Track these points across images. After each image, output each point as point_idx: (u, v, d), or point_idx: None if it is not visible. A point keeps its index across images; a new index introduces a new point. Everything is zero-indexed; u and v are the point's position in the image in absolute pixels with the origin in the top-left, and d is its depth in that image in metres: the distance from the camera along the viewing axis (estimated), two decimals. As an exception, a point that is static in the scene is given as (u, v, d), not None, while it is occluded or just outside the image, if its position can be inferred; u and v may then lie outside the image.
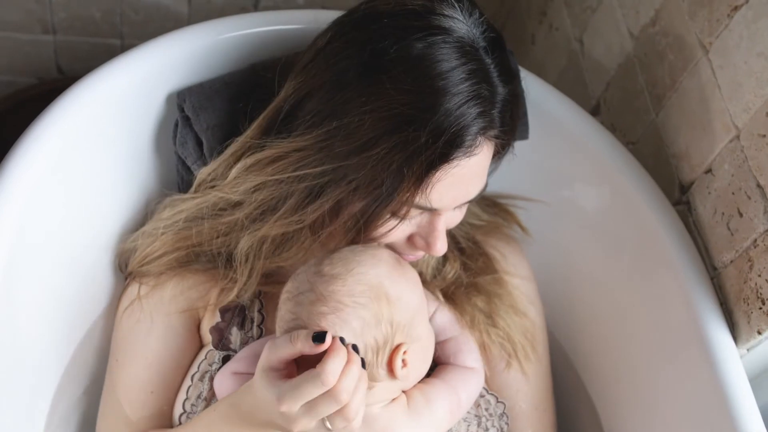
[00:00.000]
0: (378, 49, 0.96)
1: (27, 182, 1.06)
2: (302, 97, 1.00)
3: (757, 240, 1.05)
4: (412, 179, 0.95)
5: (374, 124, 0.94)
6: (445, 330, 1.11)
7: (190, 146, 1.12)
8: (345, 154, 0.95)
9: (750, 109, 1.06)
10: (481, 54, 0.98)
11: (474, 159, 0.98)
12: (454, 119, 0.94)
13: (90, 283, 1.17)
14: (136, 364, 1.11)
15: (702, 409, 1.08)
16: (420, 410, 1.03)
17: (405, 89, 0.94)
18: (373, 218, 0.99)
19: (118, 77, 1.12)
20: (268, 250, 1.05)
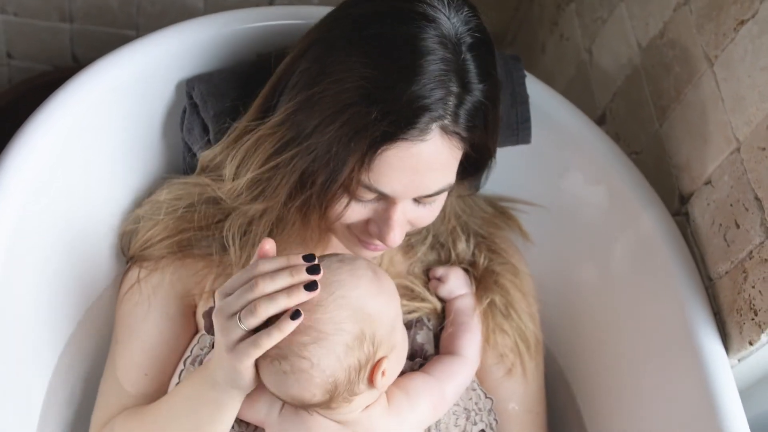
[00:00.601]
0: (360, 26, 0.96)
1: (34, 164, 1.08)
2: (289, 74, 1.01)
3: (753, 252, 1.05)
4: (357, 154, 0.94)
5: (336, 96, 0.94)
6: (460, 313, 1.13)
7: (197, 133, 1.13)
8: (310, 131, 0.96)
9: (751, 122, 1.06)
10: (460, 49, 0.96)
11: (425, 147, 0.95)
12: (410, 100, 0.93)
13: (92, 264, 1.18)
14: (133, 346, 1.12)
15: (691, 417, 1.08)
16: (401, 407, 1.02)
17: (371, 64, 0.93)
18: (328, 192, 0.97)
19: (128, 64, 1.13)
20: (261, 234, 1.06)
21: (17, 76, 1.75)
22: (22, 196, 1.06)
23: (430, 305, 1.15)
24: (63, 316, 1.17)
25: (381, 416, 1.01)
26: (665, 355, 1.14)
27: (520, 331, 1.18)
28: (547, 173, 1.28)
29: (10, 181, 1.05)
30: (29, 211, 1.07)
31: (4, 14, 1.65)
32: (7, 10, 1.64)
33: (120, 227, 1.18)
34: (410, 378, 1.05)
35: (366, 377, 0.96)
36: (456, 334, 1.12)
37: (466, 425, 1.10)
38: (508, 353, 1.17)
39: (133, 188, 1.20)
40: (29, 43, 1.70)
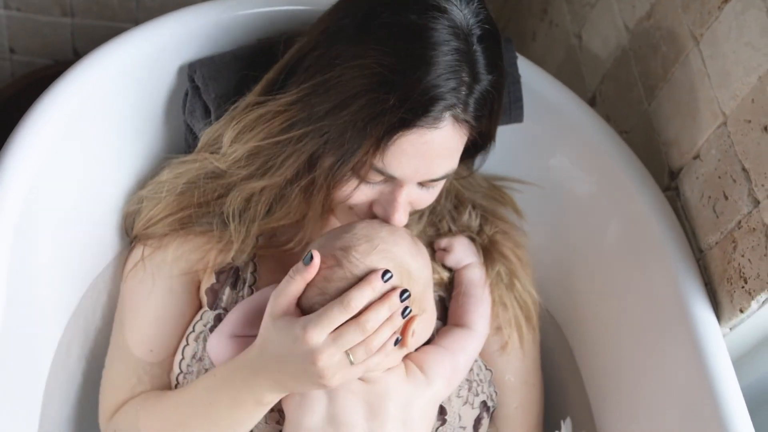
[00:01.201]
0: (373, 13, 0.99)
1: (39, 148, 1.09)
2: (301, 56, 1.04)
3: (741, 221, 1.08)
4: (372, 139, 0.97)
5: (352, 80, 0.97)
6: (470, 284, 1.15)
7: (198, 114, 1.16)
8: (322, 114, 0.99)
9: (737, 96, 1.09)
10: (471, 40, 1.00)
11: (437, 134, 0.99)
12: (426, 89, 0.96)
13: (96, 242, 1.20)
14: (137, 322, 1.14)
15: (685, 387, 1.10)
16: (418, 379, 1.06)
17: (387, 52, 0.96)
18: (337, 175, 1.01)
19: (131, 49, 1.16)
20: (261, 210, 1.08)
21: (19, 70, 1.77)
22: (28, 180, 1.08)
23: (437, 276, 1.17)
24: (67, 292, 1.19)
25: (399, 382, 1.05)
26: (659, 326, 1.17)
27: (522, 301, 1.20)
28: (540, 152, 1.31)
29: (16, 165, 1.07)
30: (34, 195, 1.09)
31: (8, 9, 1.67)
32: (11, 5, 1.66)
33: (123, 208, 1.20)
34: (425, 352, 1.08)
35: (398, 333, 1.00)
36: (467, 307, 1.14)
37: (469, 396, 1.13)
38: (506, 326, 1.19)
39: (137, 170, 1.22)
40: (31, 37, 1.72)
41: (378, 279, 0.96)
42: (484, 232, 1.22)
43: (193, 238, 1.14)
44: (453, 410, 1.11)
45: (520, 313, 1.20)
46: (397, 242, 1.02)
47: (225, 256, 1.13)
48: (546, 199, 1.31)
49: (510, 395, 1.20)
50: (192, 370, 1.09)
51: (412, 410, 1.05)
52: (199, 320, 1.12)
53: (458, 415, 1.11)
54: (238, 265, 1.13)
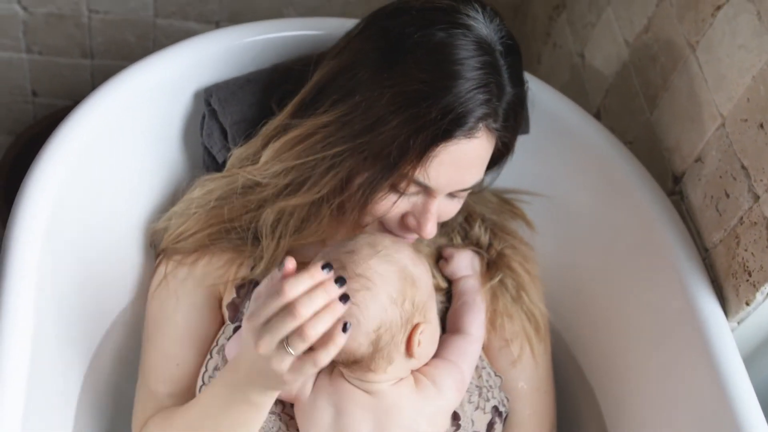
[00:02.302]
0: (404, 33, 1.06)
1: (63, 168, 1.14)
2: (332, 77, 1.10)
3: (743, 217, 1.12)
4: (415, 151, 1.04)
5: (392, 98, 1.04)
6: (464, 293, 1.19)
7: (216, 136, 1.21)
8: (362, 130, 1.05)
9: (733, 97, 1.14)
10: (496, 54, 1.08)
11: (473, 144, 1.07)
12: (463, 101, 1.04)
13: (121, 265, 1.24)
14: (163, 340, 1.17)
15: (695, 382, 1.13)
16: (428, 392, 1.08)
17: (424, 68, 1.04)
18: (376, 189, 1.07)
19: (150, 73, 1.22)
20: (293, 226, 1.13)
21: (41, 112, 1.85)
22: (49, 204, 1.11)
23: (434, 281, 1.21)
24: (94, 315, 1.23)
25: (408, 394, 1.07)
26: (668, 327, 1.20)
27: (529, 313, 1.24)
28: (547, 164, 1.35)
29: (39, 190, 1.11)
30: (56, 220, 1.13)
31: (30, 53, 1.75)
32: (33, 49, 1.74)
33: (151, 226, 1.24)
34: (433, 365, 1.11)
35: (404, 340, 1.04)
36: (459, 313, 1.18)
37: (480, 401, 1.15)
38: (514, 338, 1.22)
39: (158, 193, 1.27)
40: (52, 80, 1.80)
41: (317, 269, 0.91)
42: (492, 246, 1.27)
43: (220, 253, 1.18)
44: (466, 416, 1.14)
45: (529, 325, 1.23)
46: (400, 249, 1.06)
47: (245, 271, 1.17)
48: (554, 209, 1.36)
49: (523, 402, 1.23)
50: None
51: (423, 422, 1.07)
52: (222, 334, 1.16)
53: (471, 421, 1.14)
54: (257, 278, 1.17)
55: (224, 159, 1.21)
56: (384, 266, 1.03)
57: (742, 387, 1.08)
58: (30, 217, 1.10)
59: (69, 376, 1.18)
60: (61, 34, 1.72)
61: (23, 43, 1.72)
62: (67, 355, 1.17)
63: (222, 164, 1.21)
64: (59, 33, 1.72)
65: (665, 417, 1.18)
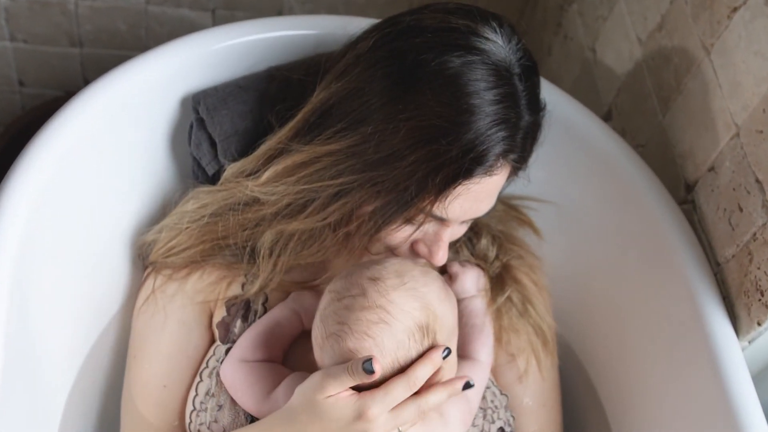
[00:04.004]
0: (420, 60, 1.03)
1: (41, 178, 1.13)
2: (339, 99, 1.07)
3: (756, 233, 1.12)
4: (434, 189, 1.03)
5: (409, 132, 1.02)
6: (470, 315, 1.18)
7: (205, 148, 1.20)
8: (375, 162, 1.03)
9: (748, 106, 1.13)
10: (514, 80, 1.06)
11: (492, 179, 1.07)
12: (483, 139, 1.03)
13: (106, 278, 1.24)
14: (150, 358, 1.17)
15: (703, 400, 1.14)
16: (434, 423, 1.08)
17: (443, 102, 1.02)
18: (388, 222, 1.07)
19: (134, 78, 1.20)
20: (293, 248, 1.12)
21: (30, 102, 1.84)
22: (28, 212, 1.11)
23: None
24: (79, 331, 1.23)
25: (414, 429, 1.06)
26: (677, 340, 1.20)
27: (536, 326, 1.24)
28: (555, 170, 1.35)
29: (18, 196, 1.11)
30: (36, 227, 1.12)
31: (14, 42, 1.74)
32: (17, 37, 1.73)
33: (140, 238, 1.23)
34: None
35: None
36: (468, 338, 1.17)
37: (484, 424, 1.16)
38: (520, 353, 1.23)
39: (146, 202, 1.26)
40: (40, 69, 1.79)
41: (438, 354, 1.01)
42: (498, 258, 1.26)
43: (212, 271, 1.18)
44: None
45: (536, 339, 1.23)
46: (428, 283, 1.05)
47: (236, 289, 1.17)
48: (562, 216, 1.35)
49: (528, 419, 1.23)
50: (205, 407, 1.12)
51: None
52: (212, 356, 1.15)
53: None
54: (248, 296, 1.17)
55: (215, 171, 1.20)
56: (408, 301, 1.02)
57: (750, 407, 1.09)
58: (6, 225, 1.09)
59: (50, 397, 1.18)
60: (47, 21, 1.71)
61: (6, 30, 1.71)
62: (46, 372, 1.17)
63: (213, 176, 1.21)
64: (44, 20, 1.71)
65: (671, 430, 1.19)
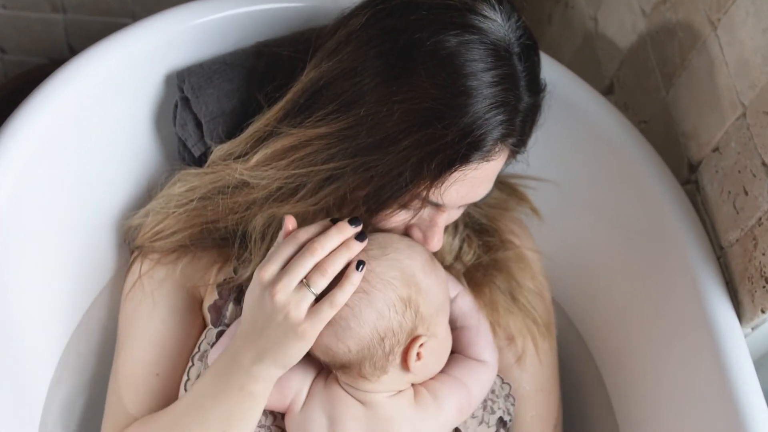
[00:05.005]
0: (414, 39, 1.00)
1: (21, 158, 1.11)
2: (331, 79, 1.04)
3: (762, 218, 1.10)
4: (430, 175, 1.00)
5: (403, 116, 0.99)
6: (463, 316, 1.16)
7: (190, 128, 1.17)
8: (369, 147, 1.00)
9: (756, 86, 1.10)
10: (513, 60, 1.03)
11: (490, 164, 1.04)
12: (481, 123, 1.00)
13: (91, 260, 1.23)
14: (139, 346, 1.15)
15: (705, 387, 1.13)
16: (427, 406, 1.08)
17: (438, 84, 0.98)
18: (382, 207, 1.04)
19: (117, 54, 1.17)
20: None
21: (12, 70, 1.81)
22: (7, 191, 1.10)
23: None
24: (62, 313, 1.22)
25: (405, 408, 1.07)
26: (679, 326, 1.19)
27: (528, 313, 1.23)
28: (555, 148, 1.32)
29: None
30: (16, 208, 1.11)
31: (-8, 7, 1.71)
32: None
33: (126, 221, 1.21)
34: (438, 380, 1.10)
35: (400, 354, 1.03)
36: (468, 340, 1.15)
37: (484, 415, 1.15)
38: (518, 335, 1.21)
39: (131, 183, 1.24)
40: (22, 36, 1.75)
41: (345, 225, 0.99)
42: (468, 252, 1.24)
43: (202, 255, 1.16)
44: (468, 431, 1.13)
45: (531, 324, 1.22)
46: (412, 256, 1.05)
47: (227, 272, 1.15)
48: (561, 196, 1.33)
49: (526, 404, 1.22)
50: None
51: None
52: (204, 339, 1.14)
53: None
54: (241, 280, 1.15)
55: (201, 153, 1.18)
56: (389, 271, 1.02)
57: (751, 392, 1.08)
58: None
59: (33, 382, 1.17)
60: (28, -15, 1.68)
61: (-18, -5, 1.68)
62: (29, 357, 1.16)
63: (200, 157, 1.18)
64: (25, -16, 1.67)
65: (673, 416, 1.18)
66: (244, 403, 1.01)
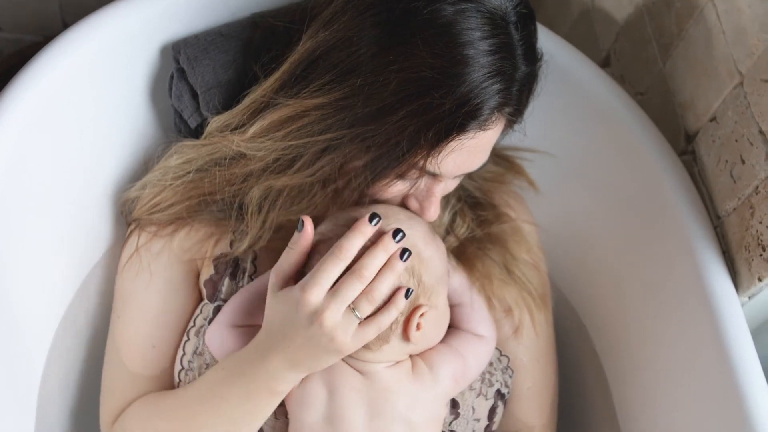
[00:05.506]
0: (411, 7, 0.99)
1: (16, 131, 1.11)
2: (327, 49, 1.03)
3: (759, 186, 1.09)
4: (427, 145, 1.00)
5: (400, 85, 0.98)
6: (455, 294, 1.16)
7: (186, 99, 1.17)
8: (365, 117, 1.00)
9: (753, 53, 1.10)
10: (510, 29, 1.03)
11: (487, 133, 1.04)
12: (478, 92, 1.00)
13: (88, 233, 1.22)
14: (136, 318, 1.15)
15: (702, 357, 1.13)
16: (424, 377, 1.08)
17: (435, 53, 0.98)
18: (379, 177, 1.04)
19: (112, 25, 1.16)
20: (282, 203, 1.10)
21: (8, 48, 1.80)
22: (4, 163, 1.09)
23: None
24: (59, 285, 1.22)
25: (403, 379, 1.07)
26: (676, 295, 1.19)
27: (523, 285, 1.23)
28: (551, 120, 1.32)
29: None
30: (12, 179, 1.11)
31: (-12, -16, 1.70)
32: (-13, -20, 1.69)
33: (123, 194, 1.21)
34: (435, 351, 1.11)
35: (402, 323, 1.04)
36: (463, 317, 1.16)
37: (482, 387, 1.15)
38: (515, 307, 1.22)
39: (127, 155, 1.24)
40: (16, 13, 1.74)
41: (366, 223, 0.98)
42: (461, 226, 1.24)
43: (199, 227, 1.16)
44: (466, 403, 1.14)
45: (527, 296, 1.22)
46: (413, 226, 1.05)
47: (224, 246, 1.15)
48: (557, 167, 1.33)
49: (522, 376, 1.23)
50: (193, 366, 1.11)
51: (417, 409, 1.07)
52: (200, 314, 1.14)
53: (472, 408, 1.14)
54: (237, 254, 1.15)
55: (197, 124, 1.17)
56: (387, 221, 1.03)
57: (748, 361, 1.08)
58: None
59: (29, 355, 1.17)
60: (23, -38, 1.67)
61: (-23, -29, 1.67)
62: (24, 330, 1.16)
63: (196, 129, 1.18)
64: (19, -40, 1.67)
65: (670, 385, 1.19)
66: (270, 401, 1.04)
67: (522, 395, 1.23)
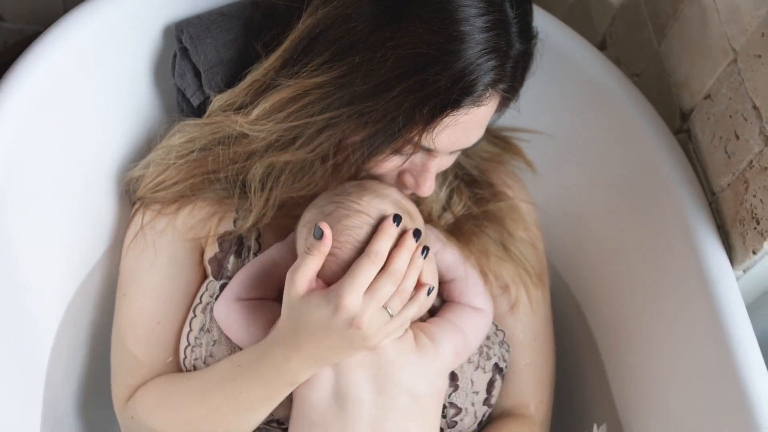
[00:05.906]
0: None
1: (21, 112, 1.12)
2: (326, 26, 1.05)
3: (753, 161, 1.11)
4: (422, 120, 1.02)
5: (397, 61, 1.00)
6: (449, 270, 1.18)
7: (189, 78, 1.18)
8: (363, 94, 1.02)
9: (747, 30, 1.12)
10: (505, 6, 1.04)
11: (481, 109, 1.06)
12: (473, 68, 1.01)
13: (93, 215, 1.24)
14: (142, 295, 1.17)
15: (697, 330, 1.14)
16: (426, 350, 1.10)
17: (432, 29, 1.00)
18: (376, 153, 1.06)
19: (116, 6, 1.18)
20: (284, 180, 1.12)
21: (11, 38, 1.81)
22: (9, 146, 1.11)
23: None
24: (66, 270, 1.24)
25: (408, 352, 1.09)
26: (672, 272, 1.20)
27: (520, 262, 1.25)
28: (548, 100, 1.34)
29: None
30: (17, 161, 1.12)
31: (-9, -27, 1.71)
32: (-7, -32, 1.70)
33: (127, 173, 1.22)
34: (434, 323, 1.13)
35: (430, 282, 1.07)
36: (458, 291, 1.17)
37: (480, 360, 1.17)
38: (512, 283, 1.23)
39: (130, 135, 1.25)
40: (19, 3, 1.75)
41: (391, 224, 1.02)
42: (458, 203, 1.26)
43: (203, 205, 1.17)
44: (465, 376, 1.15)
45: (524, 272, 1.24)
46: (387, 187, 1.10)
47: (228, 224, 1.17)
48: (554, 147, 1.35)
49: (520, 352, 1.24)
50: (200, 342, 1.13)
51: (421, 381, 1.09)
52: (205, 291, 1.16)
53: (470, 381, 1.15)
54: (241, 232, 1.17)
55: (200, 102, 1.19)
56: (379, 201, 1.06)
57: (744, 336, 1.09)
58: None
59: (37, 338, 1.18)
60: (25, -49, 1.68)
61: (-20, -40, 1.68)
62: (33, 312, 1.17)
63: (198, 107, 1.19)
64: (22, -50, 1.68)
65: (666, 363, 1.20)
66: (288, 390, 1.07)
67: (519, 372, 1.24)
